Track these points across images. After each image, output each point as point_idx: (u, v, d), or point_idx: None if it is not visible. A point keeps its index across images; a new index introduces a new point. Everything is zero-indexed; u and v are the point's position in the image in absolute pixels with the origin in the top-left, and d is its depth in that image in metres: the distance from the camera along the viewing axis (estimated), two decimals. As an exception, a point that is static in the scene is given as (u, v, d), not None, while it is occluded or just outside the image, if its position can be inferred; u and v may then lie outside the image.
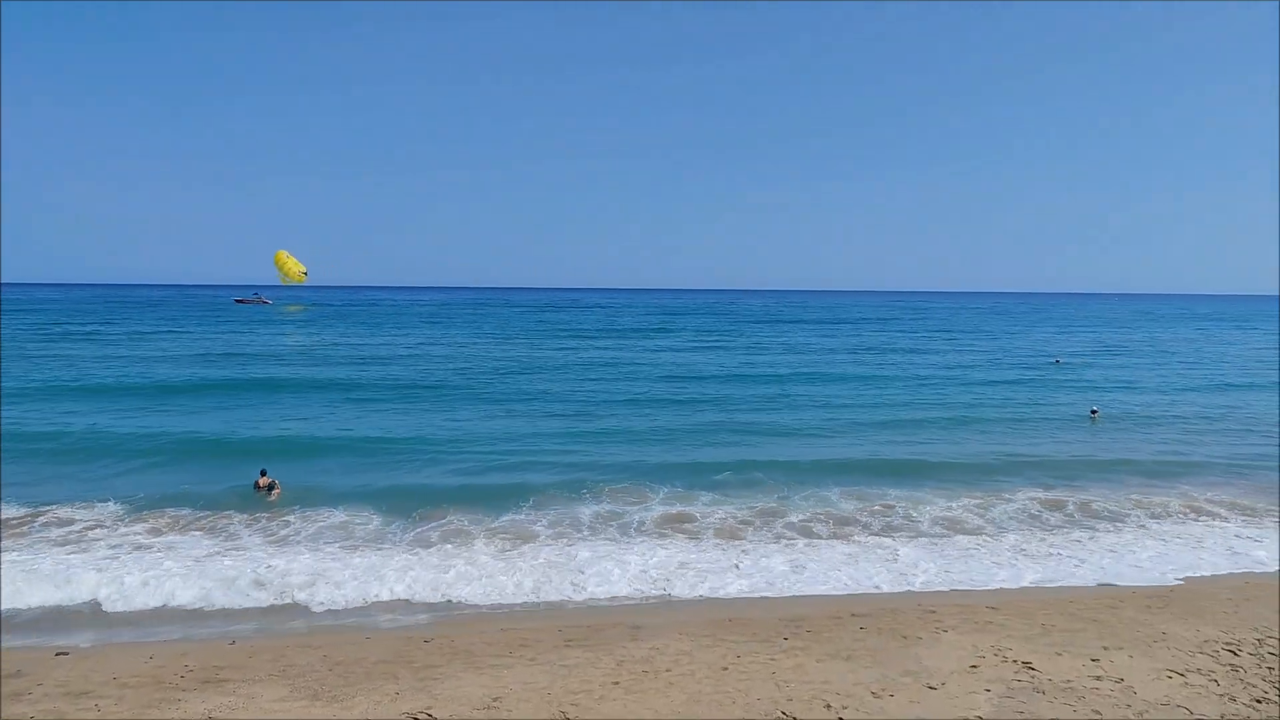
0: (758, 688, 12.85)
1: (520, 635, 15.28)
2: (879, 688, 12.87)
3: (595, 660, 13.97)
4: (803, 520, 22.92)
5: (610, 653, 14.30)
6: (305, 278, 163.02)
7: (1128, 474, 29.03)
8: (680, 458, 30.68)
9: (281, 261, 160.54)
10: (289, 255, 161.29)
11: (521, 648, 14.60)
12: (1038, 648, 14.45)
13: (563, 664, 13.80)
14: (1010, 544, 21.42)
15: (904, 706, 12.24)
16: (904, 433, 36.57)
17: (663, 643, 14.74)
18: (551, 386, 49.42)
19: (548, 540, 21.07)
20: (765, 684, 12.99)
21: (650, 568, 19.09)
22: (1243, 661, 13.87)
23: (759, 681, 13.08)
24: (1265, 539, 22.01)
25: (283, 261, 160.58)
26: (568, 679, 13.19)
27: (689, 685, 12.95)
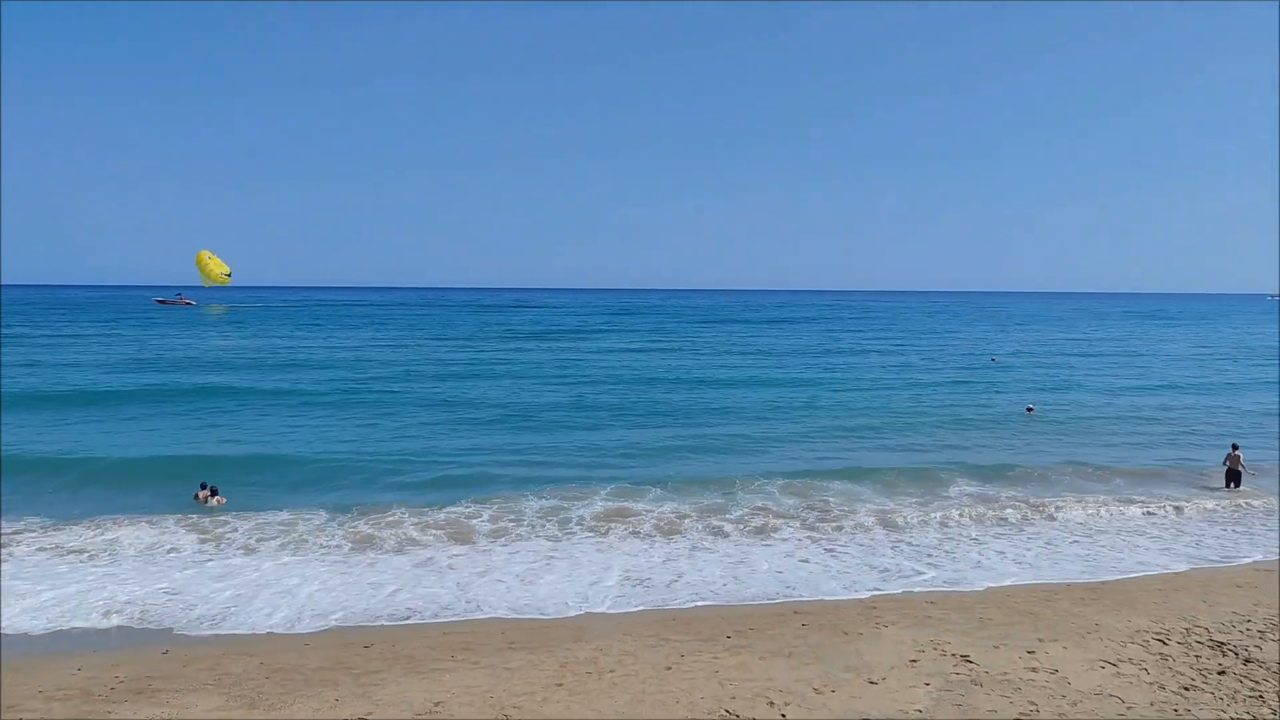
0: (701, 686, 12.87)
1: (462, 639, 15.14)
2: (821, 684, 12.97)
3: (538, 662, 13.89)
4: (742, 518, 23.05)
5: (553, 654, 14.23)
6: (229, 279, 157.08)
7: (1061, 470, 29.67)
8: (625, 459, 30.71)
9: (203, 263, 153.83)
10: (211, 256, 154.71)
11: (464, 651, 14.46)
12: (975, 641, 14.68)
13: (505, 667, 13.70)
14: (943, 539, 21.79)
15: (845, 702, 12.34)
16: (842, 431, 36.95)
17: (606, 643, 14.71)
18: (490, 391, 49.02)
19: (488, 543, 20.95)
20: (709, 682, 13.02)
21: (592, 571, 19.09)
22: (1171, 650, 14.23)
23: (702, 680, 13.10)
24: (1184, 533, 22.72)
25: (204, 263, 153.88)
26: (511, 681, 13.10)
27: (633, 685, 12.93)
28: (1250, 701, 12.31)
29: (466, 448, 32.31)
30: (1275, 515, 24.27)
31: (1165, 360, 72.91)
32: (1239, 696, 12.48)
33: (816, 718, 11.88)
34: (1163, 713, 11.97)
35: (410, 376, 54.15)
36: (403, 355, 69.45)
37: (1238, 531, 22.85)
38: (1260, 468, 28.83)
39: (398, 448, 32.12)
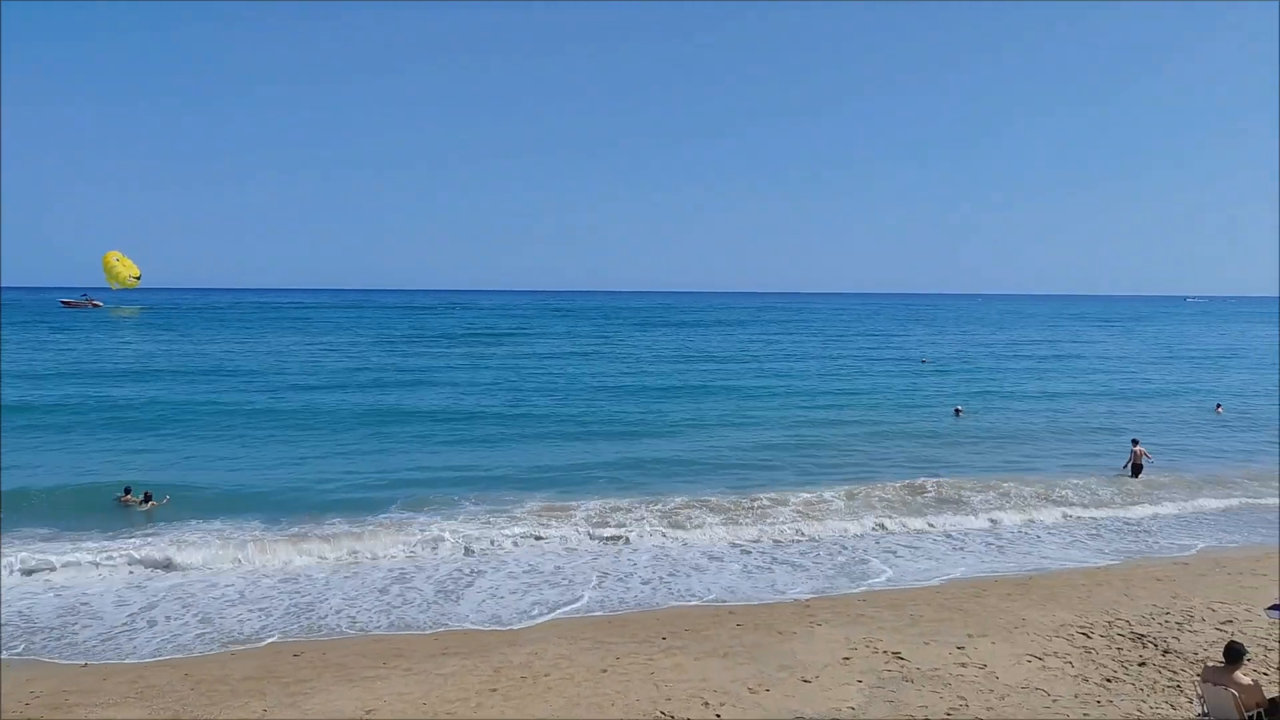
0: (636, 688, 12.87)
1: (395, 645, 14.93)
2: (755, 683, 13.05)
3: (472, 668, 13.75)
4: (676, 519, 23.11)
5: (487, 659, 14.10)
6: (138, 281, 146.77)
7: (988, 470, 30.30)
8: (554, 464, 30.59)
9: (110, 265, 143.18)
10: (120, 257, 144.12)
11: (396, 658, 14.26)
12: (907, 638, 14.90)
13: (439, 673, 13.54)
14: (875, 537, 22.12)
15: (779, 701, 12.43)
16: (776, 434, 37.25)
17: (541, 647, 14.62)
18: (426, 397, 48.48)
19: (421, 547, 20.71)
20: (644, 684, 13.02)
21: (525, 574, 18.98)
22: (1094, 643, 14.59)
23: (638, 682, 13.10)
24: (1103, 528, 23.39)
25: (111, 265, 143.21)
26: (444, 688, 12.95)
27: (568, 689, 12.87)
28: (1169, 691, 12.68)
29: (401, 463, 31.40)
30: (1182, 511, 25.11)
31: (1091, 361, 74.89)
32: (1158, 687, 12.85)
33: (750, 717, 11.95)
34: (1086, 704, 12.27)
35: (342, 385, 51.89)
36: (332, 361, 66.78)
37: (1153, 526, 23.56)
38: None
39: (329, 468, 30.03)
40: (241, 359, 66.41)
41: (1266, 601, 14.59)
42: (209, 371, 57.08)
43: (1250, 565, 19.45)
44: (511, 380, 55.31)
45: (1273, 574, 18.54)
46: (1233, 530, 23.35)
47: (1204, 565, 19.63)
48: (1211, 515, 24.85)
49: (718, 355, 76.67)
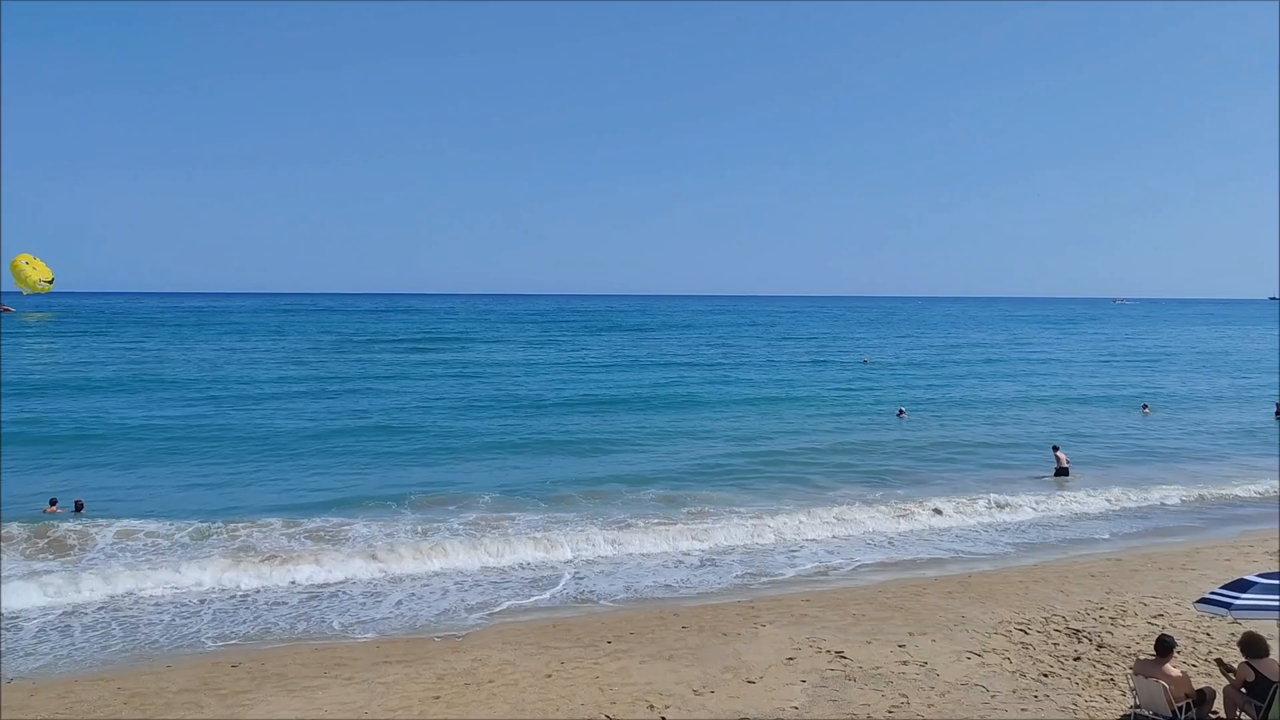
0: (581, 693, 12.82)
1: (336, 654, 14.70)
2: (700, 685, 13.08)
3: (415, 675, 13.59)
4: (622, 522, 23.11)
5: (430, 666, 13.94)
6: (51, 286, 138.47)
7: (931, 470, 30.81)
8: (496, 472, 30.43)
9: (19, 269, 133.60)
10: (31, 260, 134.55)
11: (337, 667, 14.04)
12: (850, 637, 15.04)
13: (380, 681, 13.36)
14: (823, 538, 22.33)
15: (724, 702, 12.47)
16: (722, 439, 37.45)
17: (485, 653, 14.50)
18: (351, 407, 47.81)
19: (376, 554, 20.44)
20: (589, 689, 12.98)
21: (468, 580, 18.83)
22: (1032, 639, 14.87)
23: (583, 686, 13.05)
24: (1036, 526, 23.89)
25: (20, 269, 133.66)
26: (386, 697, 12.78)
27: (512, 695, 12.78)
28: (1103, 685, 12.97)
29: (332, 481, 30.62)
30: (1114, 509, 25.73)
31: (1029, 364, 76.44)
32: (1093, 680, 13.13)
33: (695, 719, 11.97)
34: (1024, 699, 12.49)
35: (273, 395, 49.06)
36: (261, 370, 62.37)
37: (1085, 525, 24.09)
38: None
39: (252, 480, 29.02)
40: (165, 367, 63.81)
41: (1196, 595, 14.97)
42: (128, 381, 54.94)
43: (1180, 560, 19.98)
44: (451, 390, 52.99)
45: (1201, 568, 19.05)
46: (1163, 527, 23.96)
47: (1137, 561, 20.10)
48: (1141, 512, 25.45)
49: (669, 359, 76.83)
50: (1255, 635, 11.70)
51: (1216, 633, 14.98)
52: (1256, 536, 22.32)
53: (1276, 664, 11.57)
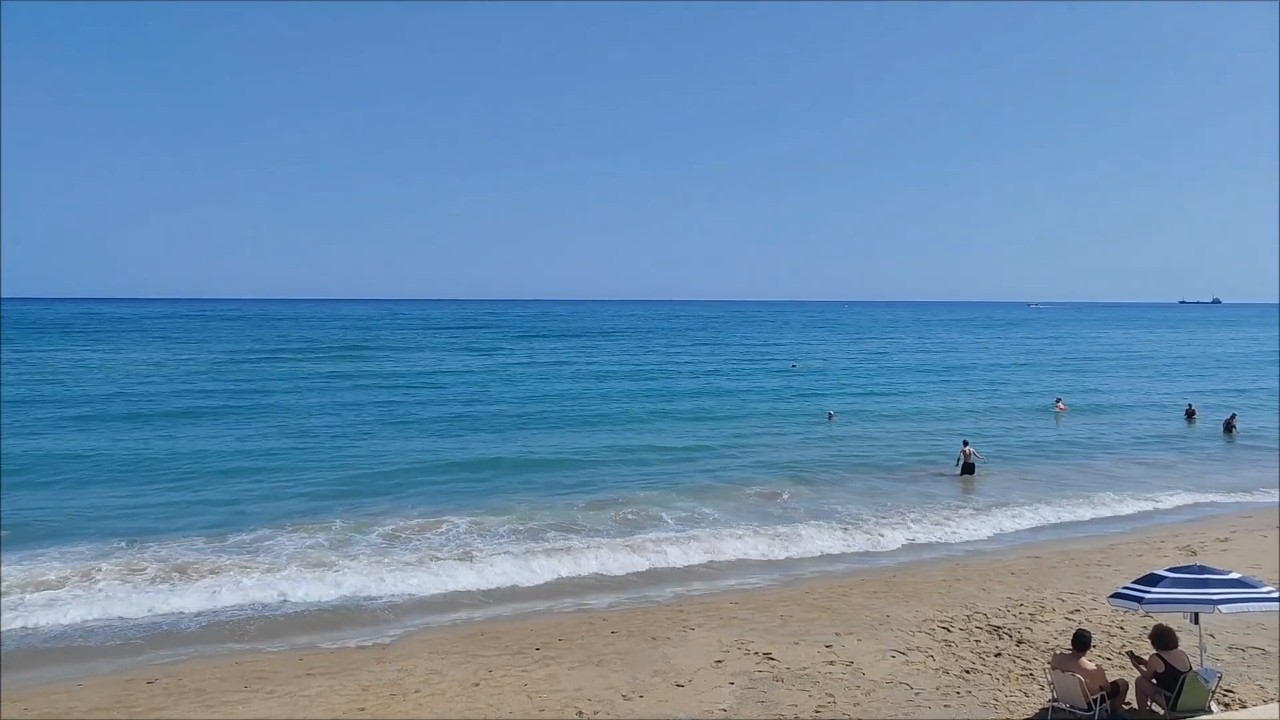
0: (510, 701, 12.70)
1: (257, 667, 14.33)
2: (629, 690, 13.05)
3: (339, 687, 13.32)
4: (542, 529, 23.01)
5: (355, 678, 13.68)
6: None
7: (855, 471, 31.28)
8: (433, 480, 30.06)
9: None
10: None
11: (258, 680, 13.70)
12: (777, 638, 15.16)
13: (303, 694, 13.07)
14: (752, 540, 22.47)
15: (653, 706, 12.47)
16: (648, 444, 37.52)
17: (411, 663, 14.28)
18: (250, 425, 46.65)
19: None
20: (517, 696, 12.86)
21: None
22: (954, 637, 15.15)
23: (511, 694, 12.93)
24: (954, 527, 24.41)
25: None
26: (309, 710, 12.50)
27: (438, 705, 12.61)
28: (1022, 679, 13.27)
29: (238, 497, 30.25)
30: (1033, 508, 26.39)
31: (950, 366, 78.12)
32: (1013, 676, 13.42)
33: (625, 724, 11.94)
34: (946, 696, 12.72)
35: (169, 411, 44.88)
36: (154, 385, 56.68)
37: (1007, 524, 24.65)
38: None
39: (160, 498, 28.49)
40: (48, 379, 60.70)
41: (1110, 590, 15.41)
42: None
43: (1096, 557, 20.54)
44: (350, 409, 47.88)
45: (1116, 564, 19.62)
46: (1077, 524, 24.63)
47: (1055, 558, 20.62)
48: (1058, 510, 26.10)
49: (601, 366, 76.78)
50: (1165, 628, 12.09)
51: (1130, 626, 15.44)
52: (1167, 532, 23.07)
53: (1185, 655, 11.97)
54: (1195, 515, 25.34)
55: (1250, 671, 13.51)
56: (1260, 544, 21.19)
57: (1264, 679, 13.21)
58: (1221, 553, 20.20)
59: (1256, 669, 13.62)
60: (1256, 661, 13.91)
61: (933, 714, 12.17)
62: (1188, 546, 20.99)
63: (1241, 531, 22.55)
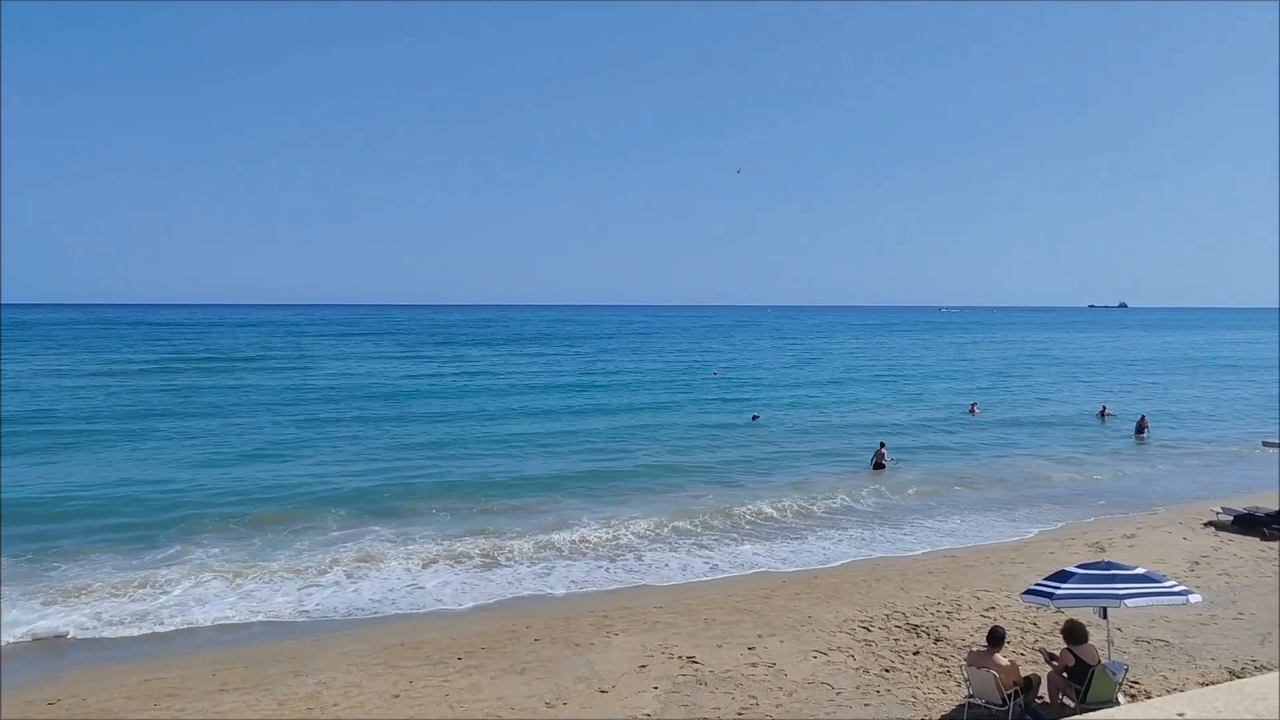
0: (431, 711, 12.50)
1: (166, 684, 13.86)
2: (552, 697, 12.95)
3: (254, 703, 12.95)
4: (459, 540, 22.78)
5: (271, 693, 13.32)
6: None
7: (780, 474, 31.61)
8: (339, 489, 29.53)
9: None
10: None
11: (168, 698, 13.25)
12: (701, 642, 15.19)
13: (216, 711, 12.68)
14: (673, 544, 22.55)
15: (576, 713, 12.39)
16: (577, 446, 37.43)
17: (329, 676, 13.96)
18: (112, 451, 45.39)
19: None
20: (439, 707, 12.66)
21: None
22: (874, 636, 15.37)
23: (432, 705, 12.73)
24: (871, 527, 24.83)
25: None
26: (221, 727, 12.14)
27: (358, 718, 12.34)
28: (940, 677, 13.51)
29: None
30: (946, 507, 26.99)
31: (869, 369, 79.54)
32: (930, 673, 13.66)
33: (548, 732, 11.84)
34: (867, 695, 12.89)
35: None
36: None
37: (920, 523, 25.16)
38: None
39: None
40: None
41: (1023, 587, 15.80)
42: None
43: (1010, 554, 21.06)
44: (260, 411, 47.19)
45: (1028, 561, 20.12)
46: (996, 522, 25.22)
47: (971, 556, 21.08)
48: (978, 508, 26.72)
49: (508, 372, 76.32)
50: (1075, 623, 12.43)
51: (1042, 622, 15.83)
52: (1077, 529, 23.76)
53: (1095, 649, 12.32)
54: (1103, 513, 26.13)
55: (1155, 663, 13.97)
56: (1164, 540, 21.95)
57: (1167, 670, 13.67)
58: (1128, 549, 20.88)
59: (1161, 660, 14.09)
60: (1161, 653, 14.39)
61: (853, 713, 12.32)
62: (1096, 543, 21.62)
63: (1147, 528, 23.33)
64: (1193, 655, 14.28)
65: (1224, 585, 18.04)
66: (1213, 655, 14.25)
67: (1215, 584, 18.02)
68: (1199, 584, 17.34)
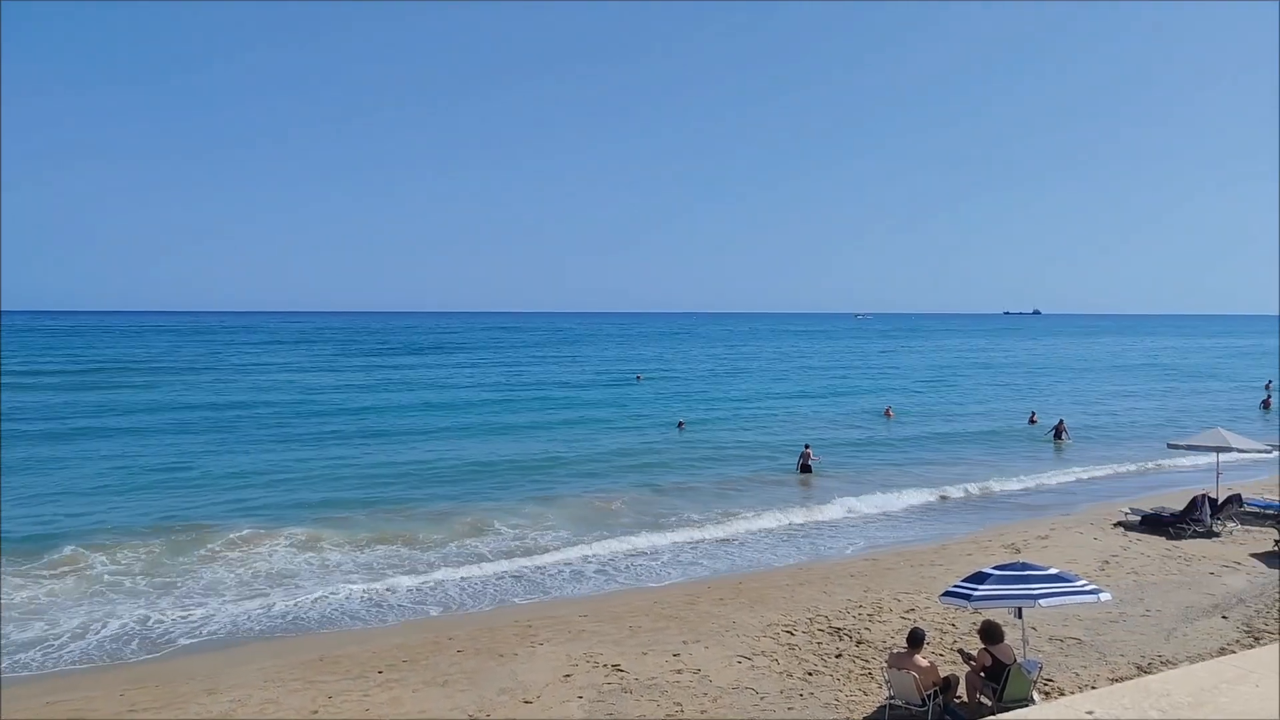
0: (350, 727, 12.24)
1: (72, 706, 13.33)
2: (476, 709, 12.78)
3: (164, 723, 12.53)
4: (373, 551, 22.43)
5: (183, 711, 12.90)
6: None
7: (701, 478, 31.81)
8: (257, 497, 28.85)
9: None
10: None
11: (72, 721, 12.75)
12: (626, 650, 15.15)
13: (124, 733, 12.23)
14: (600, 550, 22.49)
15: (500, 725, 12.24)
16: (499, 451, 37.14)
17: (244, 693, 13.57)
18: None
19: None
20: (358, 722, 12.40)
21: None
22: (798, 640, 15.50)
23: (351, 720, 12.46)
24: (795, 533, 25.10)
25: None
26: (129, 749, 11.71)
27: (273, 736, 12.03)
28: (862, 679, 13.68)
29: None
30: (870, 509, 27.44)
31: (789, 373, 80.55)
32: (853, 675, 13.83)
33: (471, 745, 11.67)
34: (790, 699, 12.99)
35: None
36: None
37: (843, 525, 25.53)
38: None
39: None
40: None
41: (942, 589, 16.10)
42: None
43: (930, 556, 21.45)
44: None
45: (948, 563, 20.52)
46: (916, 524, 25.71)
47: (891, 559, 21.42)
48: (899, 510, 27.20)
49: (430, 380, 75.49)
50: (992, 623, 12.70)
51: (960, 623, 16.15)
52: (994, 531, 24.32)
53: (1010, 648, 12.60)
54: (1019, 515, 26.80)
55: (1068, 661, 14.35)
56: (1076, 540, 22.59)
57: (1079, 667, 14.05)
58: (1043, 549, 21.44)
59: (1073, 658, 14.47)
60: (1074, 651, 14.78)
61: (777, 716, 12.40)
62: (1012, 544, 22.15)
63: (1060, 529, 23.99)
64: (1103, 652, 14.70)
65: (1132, 583, 18.63)
66: (1122, 652, 14.70)
67: (1124, 582, 18.60)
68: (1109, 582, 17.86)
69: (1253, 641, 15.11)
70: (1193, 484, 28.47)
